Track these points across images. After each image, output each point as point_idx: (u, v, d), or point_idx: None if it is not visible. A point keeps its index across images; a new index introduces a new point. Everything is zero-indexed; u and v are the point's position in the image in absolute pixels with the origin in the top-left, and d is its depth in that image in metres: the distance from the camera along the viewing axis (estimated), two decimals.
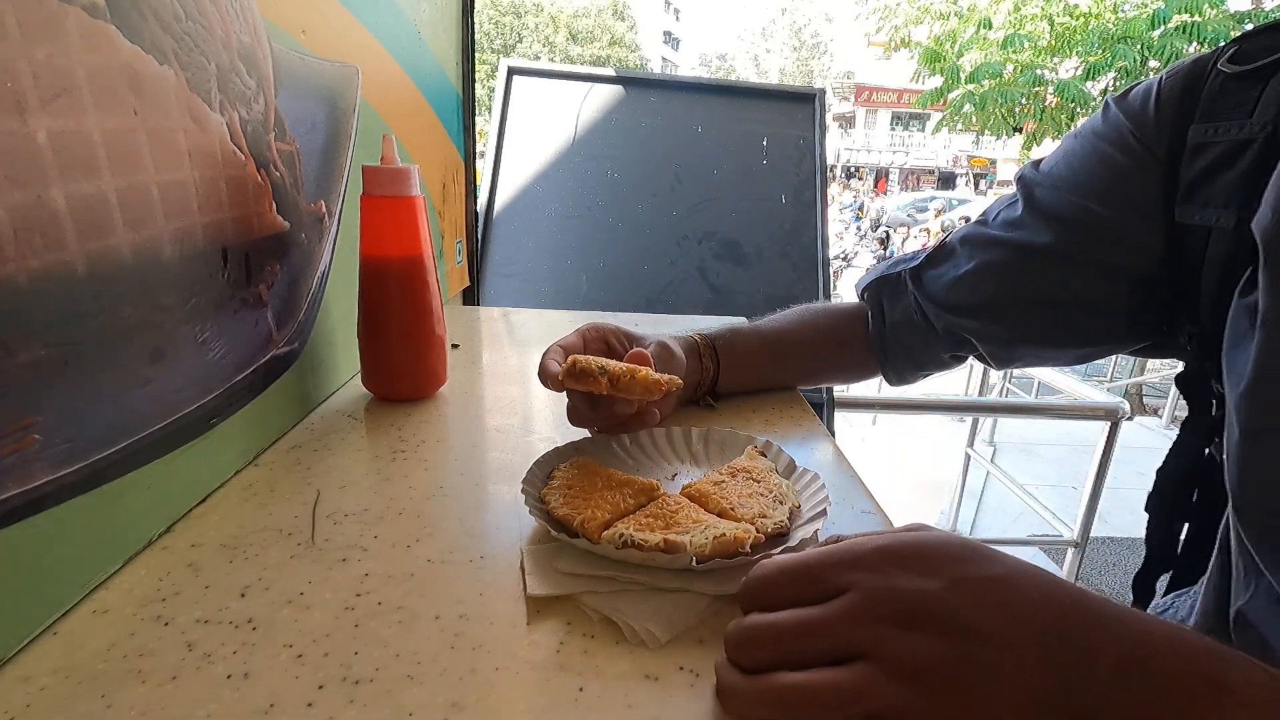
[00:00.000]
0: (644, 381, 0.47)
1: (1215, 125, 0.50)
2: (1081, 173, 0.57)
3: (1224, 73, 0.51)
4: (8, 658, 0.31)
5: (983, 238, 0.62)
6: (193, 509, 0.44)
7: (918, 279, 0.66)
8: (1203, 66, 0.52)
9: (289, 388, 0.57)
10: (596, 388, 0.47)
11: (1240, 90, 0.49)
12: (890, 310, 0.68)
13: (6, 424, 0.30)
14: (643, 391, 0.47)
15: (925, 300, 0.65)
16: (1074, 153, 0.58)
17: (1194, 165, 0.51)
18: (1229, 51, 0.51)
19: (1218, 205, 0.50)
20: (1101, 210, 0.55)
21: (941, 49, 8.80)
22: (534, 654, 0.33)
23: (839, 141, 25.56)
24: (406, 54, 0.84)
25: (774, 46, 31.11)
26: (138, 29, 0.38)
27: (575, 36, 21.85)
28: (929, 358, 0.68)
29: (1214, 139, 0.50)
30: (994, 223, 0.62)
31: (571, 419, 0.54)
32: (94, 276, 0.35)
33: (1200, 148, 0.51)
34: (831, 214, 1.83)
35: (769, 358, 0.69)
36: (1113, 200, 0.55)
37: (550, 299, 1.58)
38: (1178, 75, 0.53)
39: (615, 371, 0.47)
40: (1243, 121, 0.49)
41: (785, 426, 0.62)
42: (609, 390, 0.47)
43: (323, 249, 0.63)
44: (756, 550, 0.38)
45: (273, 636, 0.33)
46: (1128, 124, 0.55)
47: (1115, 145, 0.55)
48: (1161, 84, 0.54)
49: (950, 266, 0.64)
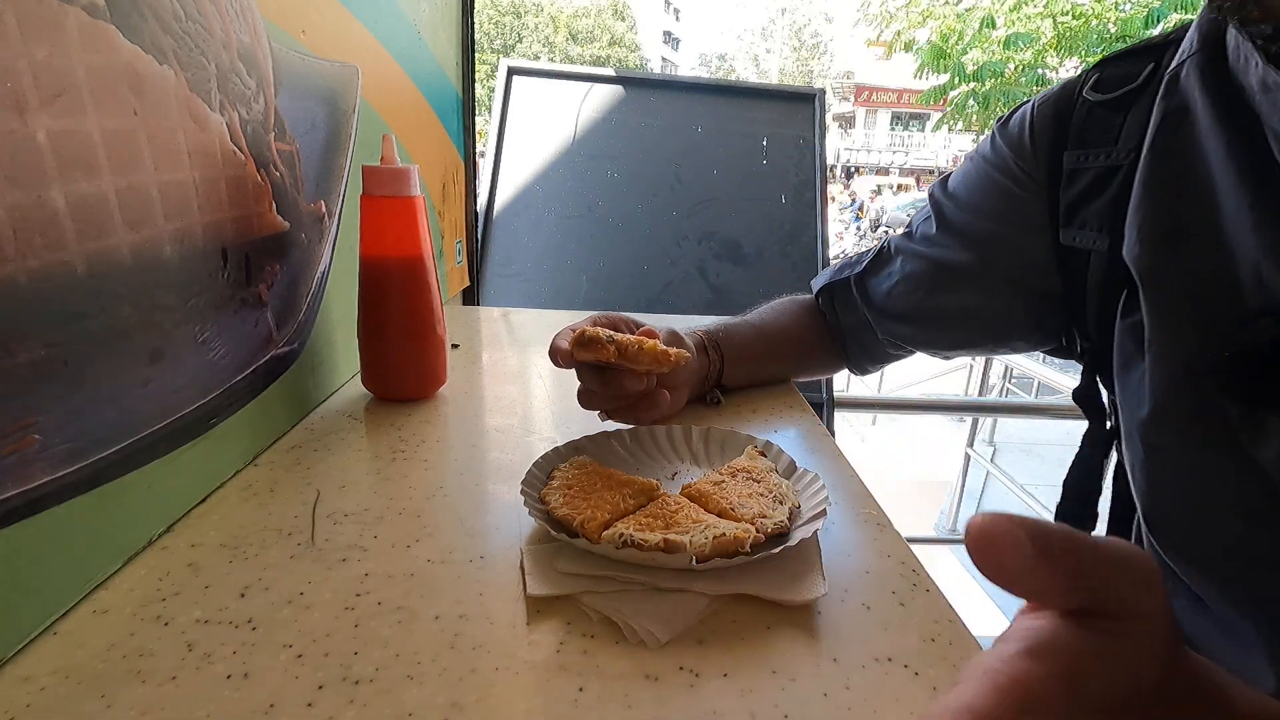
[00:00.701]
0: (651, 351, 0.48)
1: (1086, 152, 0.53)
2: (978, 195, 0.61)
3: (1089, 100, 0.53)
4: (8, 658, 0.31)
5: (907, 249, 0.66)
6: (193, 509, 0.44)
7: (862, 284, 0.70)
8: (1070, 93, 0.55)
9: (289, 388, 0.57)
10: (605, 354, 0.48)
11: (1106, 117, 0.51)
12: (842, 313, 0.72)
13: (6, 424, 0.30)
14: (650, 361, 0.48)
15: (866, 306, 0.69)
16: (970, 175, 0.62)
17: (1070, 190, 0.54)
18: (1092, 78, 0.53)
19: (1093, 229, 0.52)
20: (1000, 229, 0.59)
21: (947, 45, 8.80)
22: (534, 654, 0.33)
23: (839, 141, 25.56)
24: (406, 54, 0.84)
25: (774, 46, 31.11)
26: (138, 29, 0.38)
27: (575, 36, 21.85)
28: (880, 354, 0.72)
29: (1084, 165, 0.53)
30: (916, 236, 0.66)
31: (582, 401, 0.55)
32: (94, 276, 0.35)
33: (1074, 173, 0.53)
34: (831, 214, 1.83)
35: (764, 349, 0.70)
36: (1009, 221, 0.58)
37: (550, 299, 1.58)
38: (1049, 103, 0.56)
39: (623, 341, 0.48)
40: (1109, 149, 0.51)
41: (785, 426, 0.62)
42: (616, 359, 0.48)
43: (323, 249, 0.63)
44: (756, 550, 0.38)
45: (273, 636, 0.33)
46: (1009, 152, 0.58)
47: (1002, 172, 0.59)
48: (1034, 112, 0.57)
49: (886, 276, 0.68)
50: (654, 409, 0.55)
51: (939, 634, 0.35)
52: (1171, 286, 0.46)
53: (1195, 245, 0.44)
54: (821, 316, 0.74)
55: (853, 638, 0.35)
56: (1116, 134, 0.51)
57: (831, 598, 0.37)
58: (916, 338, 0.68)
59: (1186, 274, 0.45)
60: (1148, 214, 0.47)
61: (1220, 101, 0.43)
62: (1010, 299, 0.60)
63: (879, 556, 0.42)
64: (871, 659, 0.33)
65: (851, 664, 0.33)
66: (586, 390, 0.55)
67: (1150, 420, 0.47)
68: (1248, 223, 0.41)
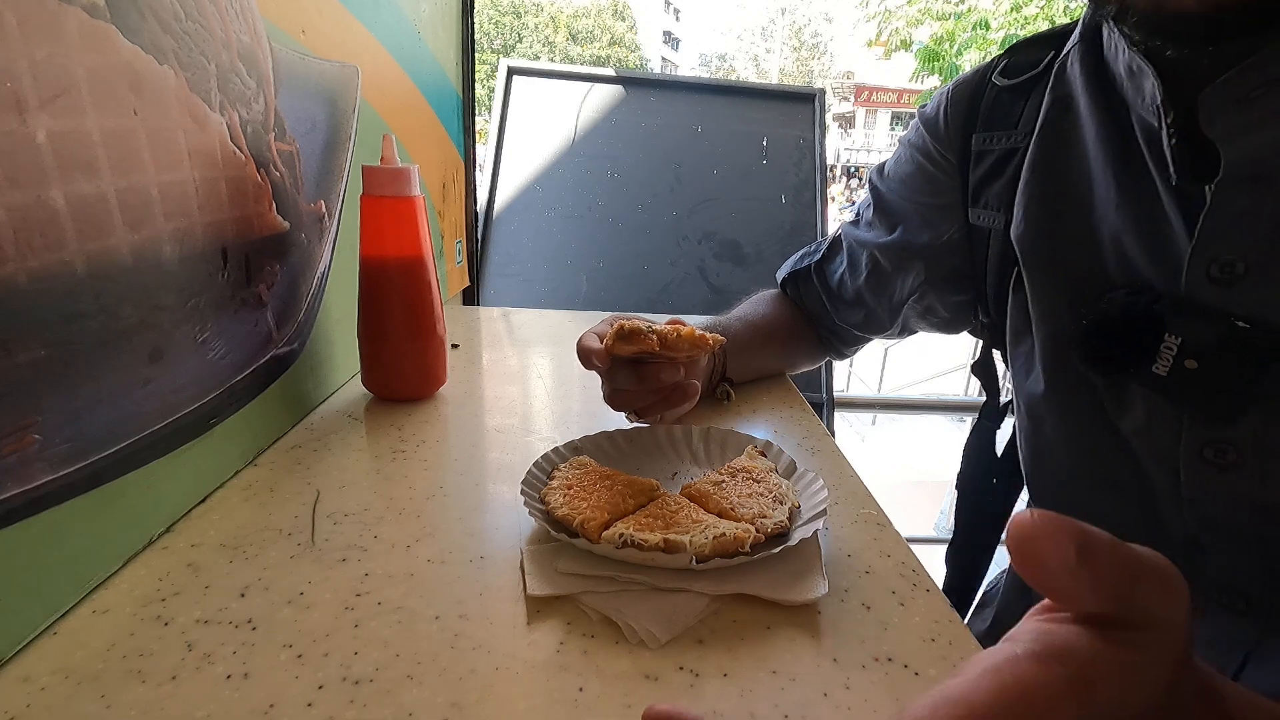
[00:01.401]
0: (690, 337, 0.49)
1: (991, 135, 0.55)
2: (906, 176, 0.64)
3: (997, 85, 0.55)
4: (8, 658, 0.31)
5: (852, 236, 0.69)
6: (193, 509, 0.44)
7: (820, 272, 0.72)
8: (982, 77, 0.57)
9: (289, 388, 0.57)
10: (648, 345, 0.48)
11: (1010, 102, 0.54)
12: (807, 302, 0.74)
13: (6, 424, 0.30)
14: (690, 347, 0.49)
15: (824, 293, 0.72)
16: (901, 160, 0.65)
17: (977, 171, 0.56)
18: (1002, 64, 0.56)
19: (993, 208, 0.55)
20: (921, 208, 0.62)
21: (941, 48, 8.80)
22: (534, 654, 0.33)
23: (839, 141, 25.55)
24: (406, 54, 0.84)
25: (774, 47, 31.09)
26: (138, 29, 0.38)
27: (575, 36, 21.85)
28: (849, 337, 0.75)
29: (989, 147, 0.55)
30: (860, 223, 0.69)
31: (613, 403, 0.55)
32: (94, 276, 0.35)
33: (980, 155, 0.56)
34: (831, 214, 1.83)
35: (756, 341, 0.71)
36: (928, 200, 0.62)
37: (550, 299, 1.58)
38: (963, 87, 0.59)
39: (662, 330, 0.49)
40: (1010, 132, 0.53)
41: (785, 426, 0.62)
42: (658, 347, 0.48)
43: (323, 249, 0.63)
44: (756, 550, 0.38)
45: (273, 636, 0.33)
46: (928, 135, 0.61)
47: (923, 154, 0.62)
48: (950, 96, 0.59)
49: (838, 263, 0.71)
50: (685, 400, 0.55)
51: (939, 634, 0.35)
52: (1048, 262, 0.49)
53: (1069, 222, 0.47)
54: (794, 305, 0.76)
55: (853, 638, 0.35)
56: (1017, 118, 0.53)
57: (831, 598, 0.37)
58: (866, 324, 0.70)
59: (1061, 250, 0.48)
60: (1032, 194, 0.50)
61: (1097, 88, 0.46)
62: (929, 275, 0.63)
63: (879, 556, 0.42)
64: (871, 659, 0.33)
65: (851, 664, 0.33)
66: (618, 390, 0.54)
67: (1033, 393, 0.50)
68: (1114, 200, 0.44)
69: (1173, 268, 0.41)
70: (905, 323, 0.68)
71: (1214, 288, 0.39)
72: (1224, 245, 0.38)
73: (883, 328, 0.70)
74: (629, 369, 0.53)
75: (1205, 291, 0.39)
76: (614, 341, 0.49)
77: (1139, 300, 0.41)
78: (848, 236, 0.70)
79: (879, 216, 0.66)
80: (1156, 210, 0.42)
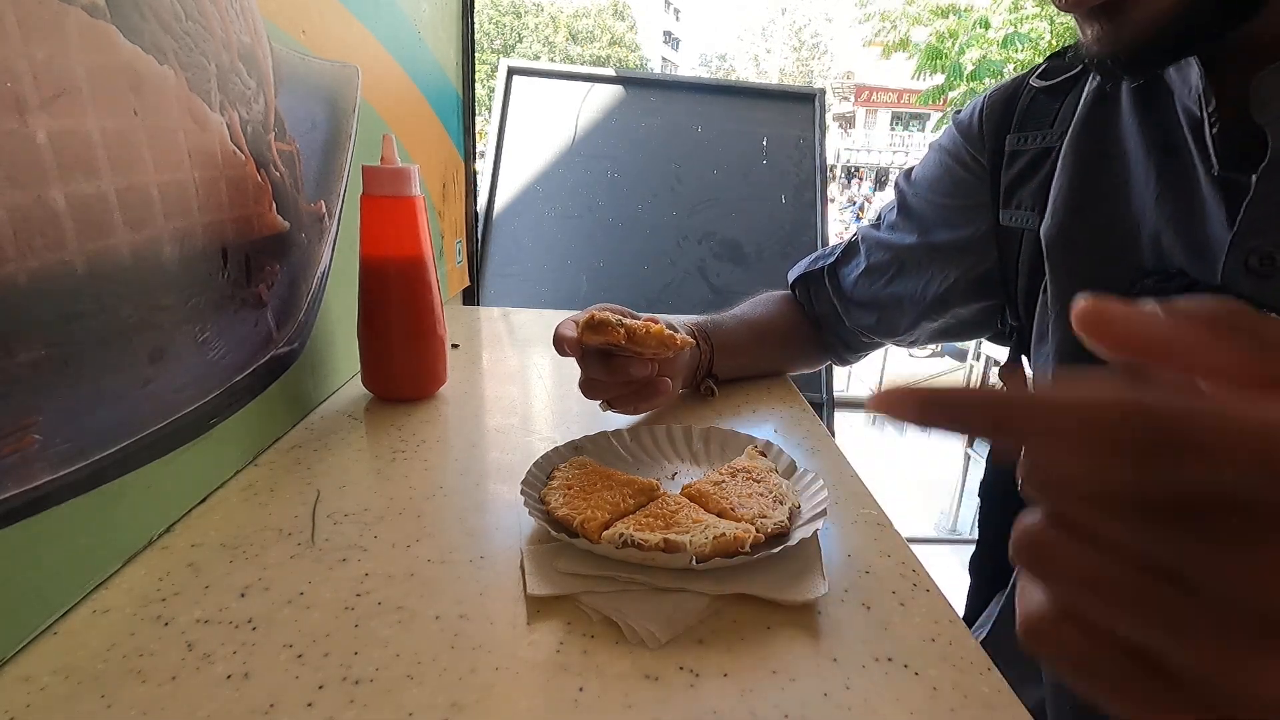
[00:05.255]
0: (658, 335, 0.49)
1: (1025, 135, 0.55)
2: (934, 180, 0.64)
3: (1035, 88, 0.56)
4: (8, 658, 0.31)
5: (872, 238, 0.69)
6: (193, 509, 0.44)
7: (833, 274, 0.72)
8: (1019, 83, 0.58)
9: (289, 388, 0.57)
10: (614, 337, 0.49)
11: (1047, 102, 0.54)
12: (816, 304, 0.74)
13: (6, 424, 0.30)
14: (658, 345, 0.50)
15: (836, 296, 0.71)
16: (930, 164, 0.65)
17: (1010, 171, 0.56)
18: (1040, 69, 0.56)
19: (1026, 208, 0.55)
20: (948, 210, 0.62)
21: (943, 46, 8.80)
22: (534, 654, 0.33)
23: (839, 141, 25.54)
24: (406, 54, 0.84)
25: (774, 46, 31.09)
26: (138, 29, 0.38)
27: (575, 36, 21.85)
28: (855, 343, 0.74)
29: (1023, 147, 0.55)
30: (882, 226, 0.69)
31: (585, 391, 0.56)
32: (94, 276, 0.35)
33: (1014, 155, 0.56)
34: (831, 214, 1.83)
35: (751, 340, 0.71)
36: (956, 202, 0.62)
37: (550, 299, 1.58)
38: (1000, 91, 0.59)
39: (631, 325, 0.49)
40: (1045, 131, 0.53)
41: (785, 426, 0.62)
42: (625, 341, 0.49)
43: (323, 249, 0.63)
44: (756, 550, 0.38)
45: (273, 636, 0.33)
46: (960, 139, 0.61)
47: (954, 158, 0.62)
48: (986, 100, 0.60)
49: (854, 265, 0.70)
50: (656, 396, 0.56)
51: (939, 634, 0.35)
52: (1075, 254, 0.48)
53: (1100, 211, 0.47)
54: (800, 307, 0.76)
55: (853, 638, 0.35)
56: (1054, 117, 0.53)
57: (831, 598, 0.37)
58: (878, 327, 0.70)
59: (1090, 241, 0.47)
60: (1063, 187, 0.50)
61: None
62: (955, 278, 0.62)
63: (879, 556, 0.42)
64: (871, 659, 0.33)
65: (851, 664, 0.33)
66: (590, 379, 0.55)
67: None
68: (1153, 190, 0.44)
69: (1210, 259, 0.40)
70: (920, 327, 0.68)
71: (1251, 279, 0.38)
72: (1266, 237, 0.37)
73: (895, 331, 0.69)
74: (601, 360, 0.54)
75: (1241, 283, 0.38)
76: (583, 330, 0.49)
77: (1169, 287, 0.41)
78: (867, 239, 0.69)
79: (903, 219, 0.66)
80: (1197, 200, 0.41)
